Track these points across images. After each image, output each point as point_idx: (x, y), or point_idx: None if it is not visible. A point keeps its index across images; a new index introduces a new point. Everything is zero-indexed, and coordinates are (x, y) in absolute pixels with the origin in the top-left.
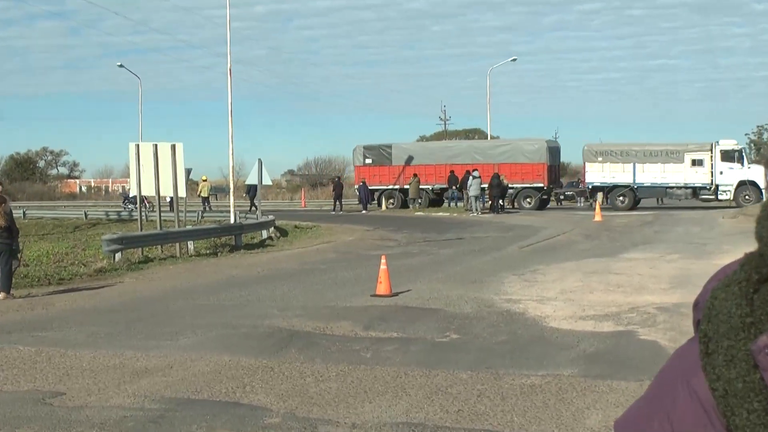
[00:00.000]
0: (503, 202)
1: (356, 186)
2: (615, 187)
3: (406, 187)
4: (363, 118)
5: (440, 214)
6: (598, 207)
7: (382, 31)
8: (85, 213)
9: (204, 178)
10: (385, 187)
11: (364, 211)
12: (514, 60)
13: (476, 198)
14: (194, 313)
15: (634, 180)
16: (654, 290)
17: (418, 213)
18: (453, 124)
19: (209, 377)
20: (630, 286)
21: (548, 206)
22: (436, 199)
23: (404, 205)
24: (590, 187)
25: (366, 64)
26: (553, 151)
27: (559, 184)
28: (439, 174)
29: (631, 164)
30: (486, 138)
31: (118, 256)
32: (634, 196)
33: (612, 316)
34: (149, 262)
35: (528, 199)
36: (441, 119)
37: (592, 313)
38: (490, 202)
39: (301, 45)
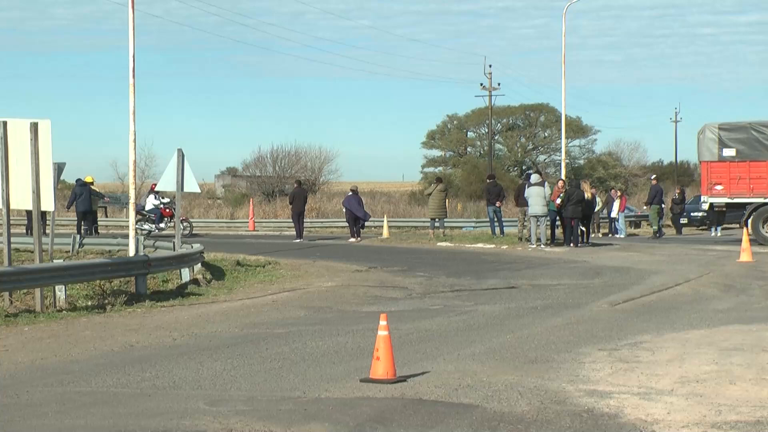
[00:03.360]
0: (587, 225)
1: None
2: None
3: None
4: (353, 88)
5: (481, 245)
6: (745, 238)
7: None
8: None
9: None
10: (762, 200)
11: (353, 240)
12: None
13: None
14: (64, 409)
15: None
16: None
17: (443, 243)
18: (503, 96)
19: None
20: None
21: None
22: None
23: None
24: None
25: None
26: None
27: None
28: None
29: None
30: (556, 119)
31: None
32: None
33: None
34: None
35: None
36: (484, 87)
37: (733, 419)
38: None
39: None
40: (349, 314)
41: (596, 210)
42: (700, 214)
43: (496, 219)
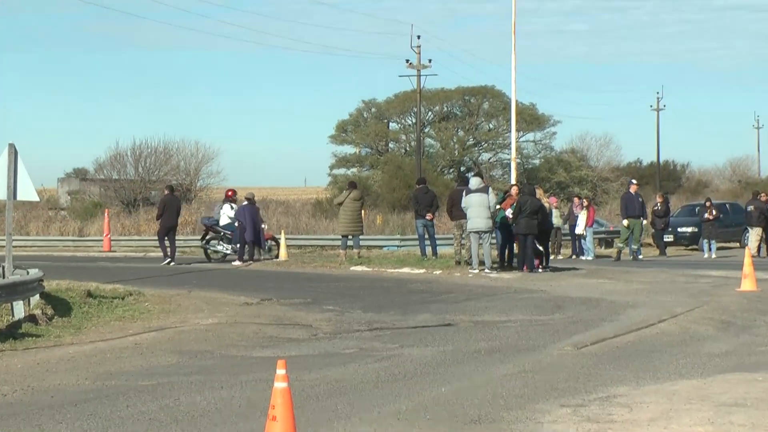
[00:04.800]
0: (545, 244)
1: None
2: None
3: None
4: (240, 65)
5: (407, 270)
6: (747, 261)
7: None
8: None
9: None
10: None
11: (239, 263)
12: None
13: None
14: None
15: None
16: None
17: (358, 268)
18: (435, 77)
19: None
20: None
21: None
22: None
23: None
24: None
25: None
26: None
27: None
28: None
29: None
30: (504, 106)
31: None
32: None
33: None
34: None
35: None
36: (410, 65)
37: None
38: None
39: None
40: (235, 361)
41: (555, 225)
42: (690, 229)
43: (427, 236)
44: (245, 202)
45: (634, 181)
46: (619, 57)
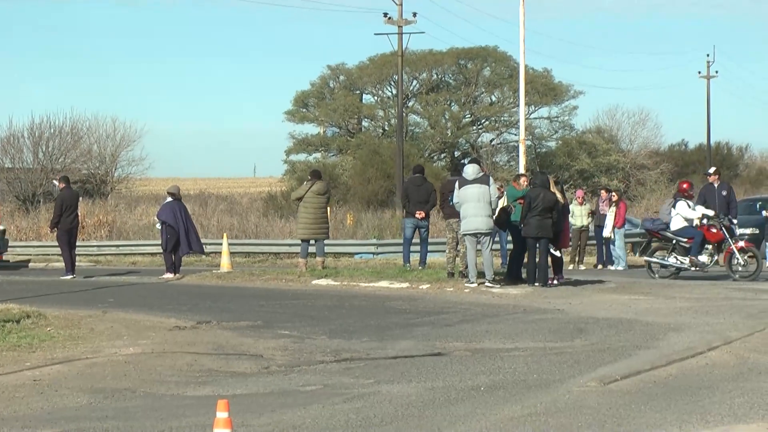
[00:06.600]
0: (560, 251)
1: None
2: None
3: None
4: (172, 20)
5: (386, 284)
6: None
7: None
8: None
9: None
10: None
11: (169, 275)
12: None
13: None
14: None
15: None
16: None
17: (323, 281)
18: (422, 35)
19: None
20: None
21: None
22: None
23: None
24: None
25: None
26: None
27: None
28: None
29: None
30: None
31: None
32: None
33: None
34: None
35: None
36: (390, 20)
37: None
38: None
39: None
40: (163, 401)
41: (579, 225)
42: (749, 231)
43: (418, 240)
44: (168, 199)
45: (711, 170)
46: (658, 9)
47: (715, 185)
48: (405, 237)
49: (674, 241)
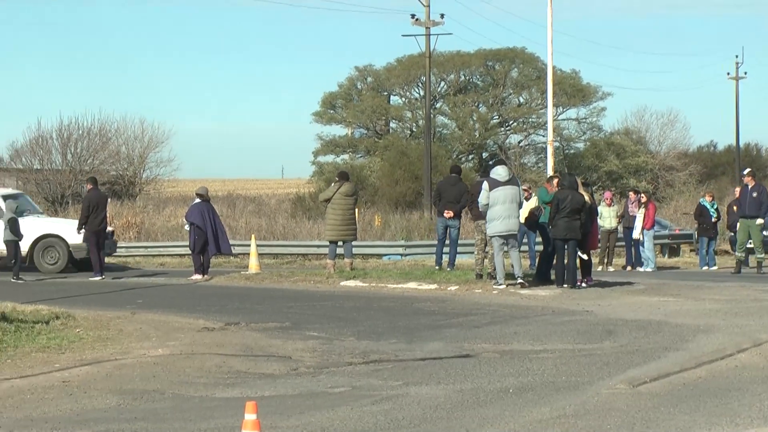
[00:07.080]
0: (588, 254)
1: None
2: None
3: None
4: (199, 21)
5: (414, 285)
6: None
7: None
8: None
9: None
10: None
11: (197, 276)
12: None
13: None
14: None
15: None
16: None
17: (351, 283)
18: (449, 36)
19: None
20: None
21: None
22: None
23: None
24: None
25: None
26: None
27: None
28: None
29: None
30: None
31: None
32: None
33: None
34: None
35: None
36: (417, 21)
37: None
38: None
39: None
40: (192, 403)
41: (608, 227)
42: None
43: (448, 240)
44: (197, 200)
45: (746, 171)
46: (686, 9)
47: (749, 186)
48: (438, 237)
49: None
